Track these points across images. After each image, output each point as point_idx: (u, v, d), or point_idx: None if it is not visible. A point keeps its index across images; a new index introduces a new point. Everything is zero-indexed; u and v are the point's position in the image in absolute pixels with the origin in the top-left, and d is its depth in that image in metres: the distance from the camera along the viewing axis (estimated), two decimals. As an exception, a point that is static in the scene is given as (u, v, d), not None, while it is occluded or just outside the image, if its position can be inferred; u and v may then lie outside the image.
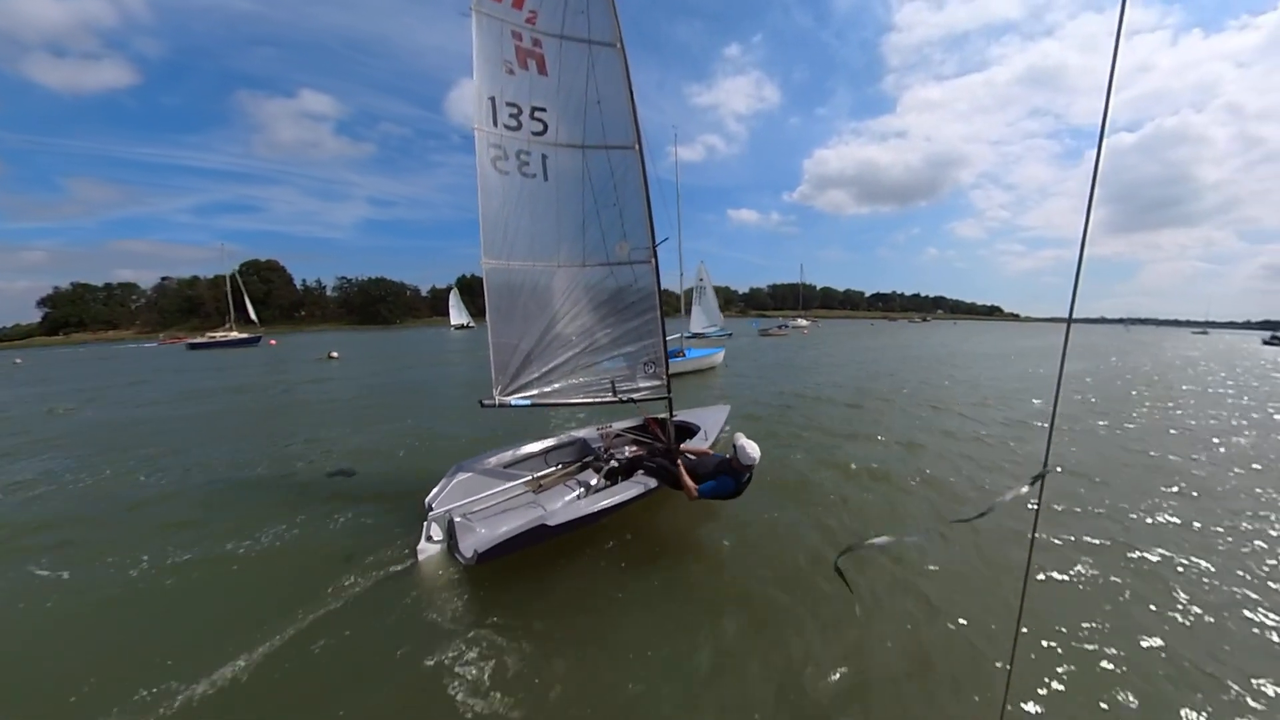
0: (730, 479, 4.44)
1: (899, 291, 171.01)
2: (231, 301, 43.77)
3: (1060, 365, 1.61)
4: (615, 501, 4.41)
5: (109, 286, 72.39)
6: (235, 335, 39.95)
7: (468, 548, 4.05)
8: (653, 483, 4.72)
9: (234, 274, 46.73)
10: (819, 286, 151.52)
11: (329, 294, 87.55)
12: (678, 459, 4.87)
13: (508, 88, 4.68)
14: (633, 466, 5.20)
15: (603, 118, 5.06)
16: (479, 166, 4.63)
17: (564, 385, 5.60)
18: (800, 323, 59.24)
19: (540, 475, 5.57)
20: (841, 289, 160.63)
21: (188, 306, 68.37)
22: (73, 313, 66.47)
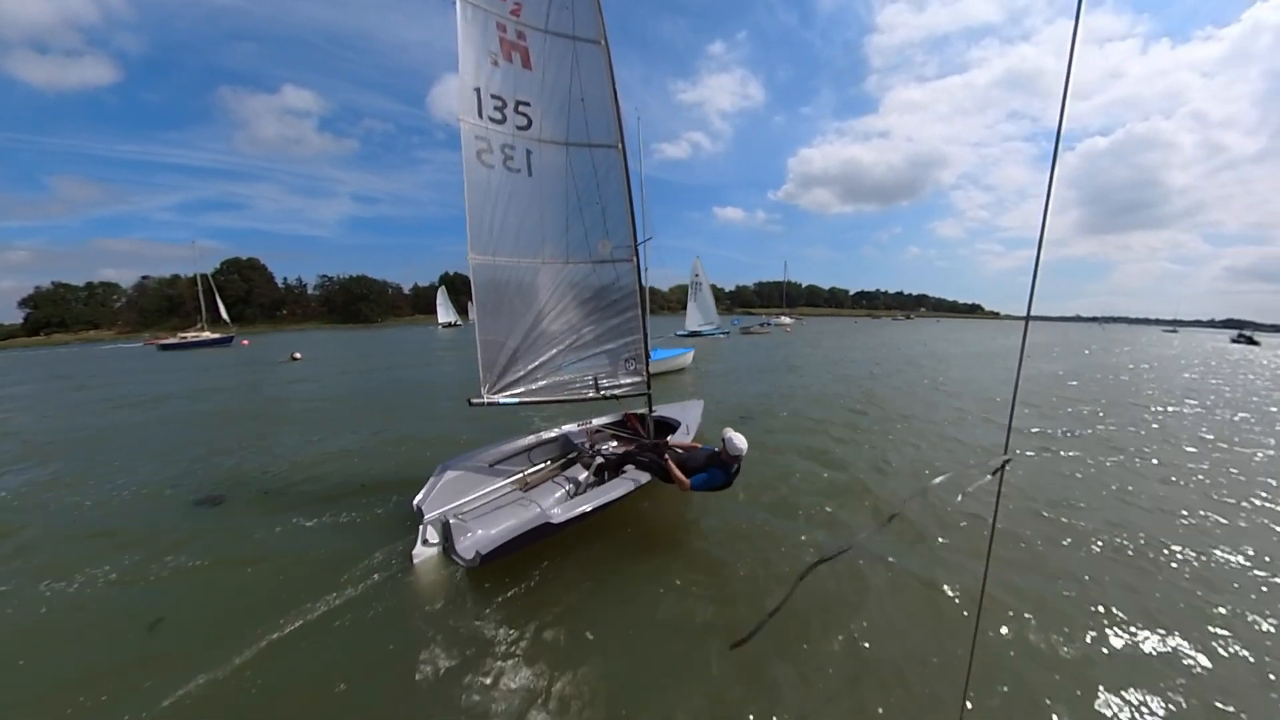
0: (720, 471, 4.53)
1: (883, 289, 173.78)
2: (203, 301, 42.84)
3: (1019, 358, 1.68)
4: (614, 497, 4.45)
5: (90, 286, 70.10)
6: (207, 335, 38.89)
7: (468, 549, 4.01)
8: (645, 477, 4.77)
9: (205, 274, 45.75)
10: (804, 284, 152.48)
11: (311, 293, 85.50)
12: (665, 454, 4.91)
13: (493, 80, 4.66)
14: (623, 462, 5.22)
15: (586, 115, 5.08)
16: (465, 159, 4.58)
17: (549, 383, 5.59)
18: (784, 320, 58.10)
19: (528, 472, 5.57)
20: (826, 287, 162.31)
21: (168, 306, 66.49)
22: (54, 313, 64.29)
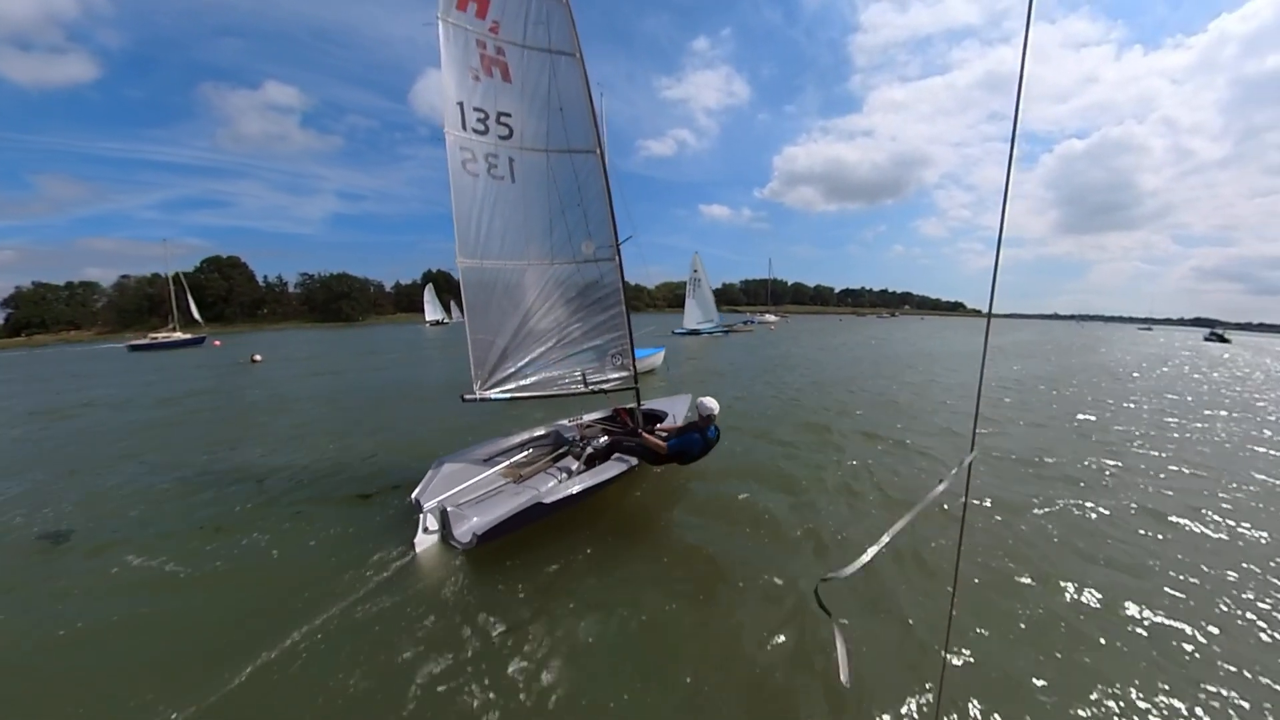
0: (696, 435, 4.87)
1: (868, 287, 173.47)
2: (175, 301, 42.00)
3: (983, 353, 1.77)
4: (603, 479, 4.71)
5: (71, 285, 68.91)
6: (179, 336, 37.94)
7: (465, 533, 4.22)
8: (633, 460, 5.05)
9: (178, 273, 44.99)
10: (790, 282, 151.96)
11: (292, 291, 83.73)
12: (641, 430, 5.29)
13: (474, 94, 4.92)
14: (611, 449, 5.49)
15: (565, 123, 5.36)
16: (450, 168, 4.84)
17: (539, 378, 5.84)
18: (768, 318, 56.90)
19: (522, 466, 5.76)
20: (812, 285, 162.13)
21: (148, 305, 65.25)
22: (35, 313, 62.94)
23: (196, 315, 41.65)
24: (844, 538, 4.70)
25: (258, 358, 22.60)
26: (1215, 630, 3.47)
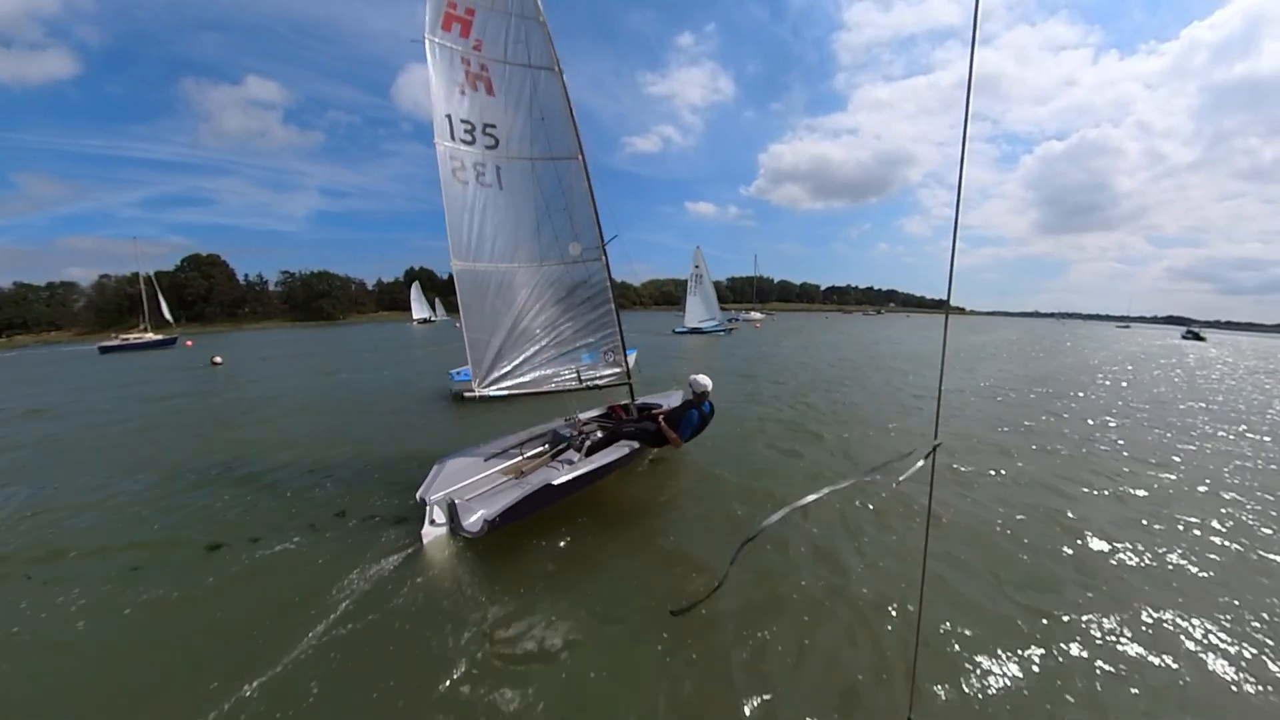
0: (694, 412, 5.22)
1: (853, 285, 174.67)
2: (145, 301, 41.23)
3: (943, 346, 1.91)
4: (610, 460, 4.91)
5: (51, 286, 67.68)
6: (150, 337, 37.16)
7: (475, 521, 4.30)
8: (636, 444, 5.30)
9: (148, 273, 44.36)
10: (776, 280, 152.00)
11: (272, 289, 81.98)
12: (659, 417, 5.54)
13: (461, 107, 5.23)
14: (613, 437, 5.65)
15: (547, 132, 5.68)
16: (441, 176, 5.15)
17: (535, 375, 6.10)
18: (754, 316, 55.38)
19: (522, 462, 5.86)
20: (798, 282, 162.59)
21: (128, 305, 64.04)
22: (16, 314, 61.50)
23: (168, 315, 40.69)
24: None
25: (218, 360, 22.07)
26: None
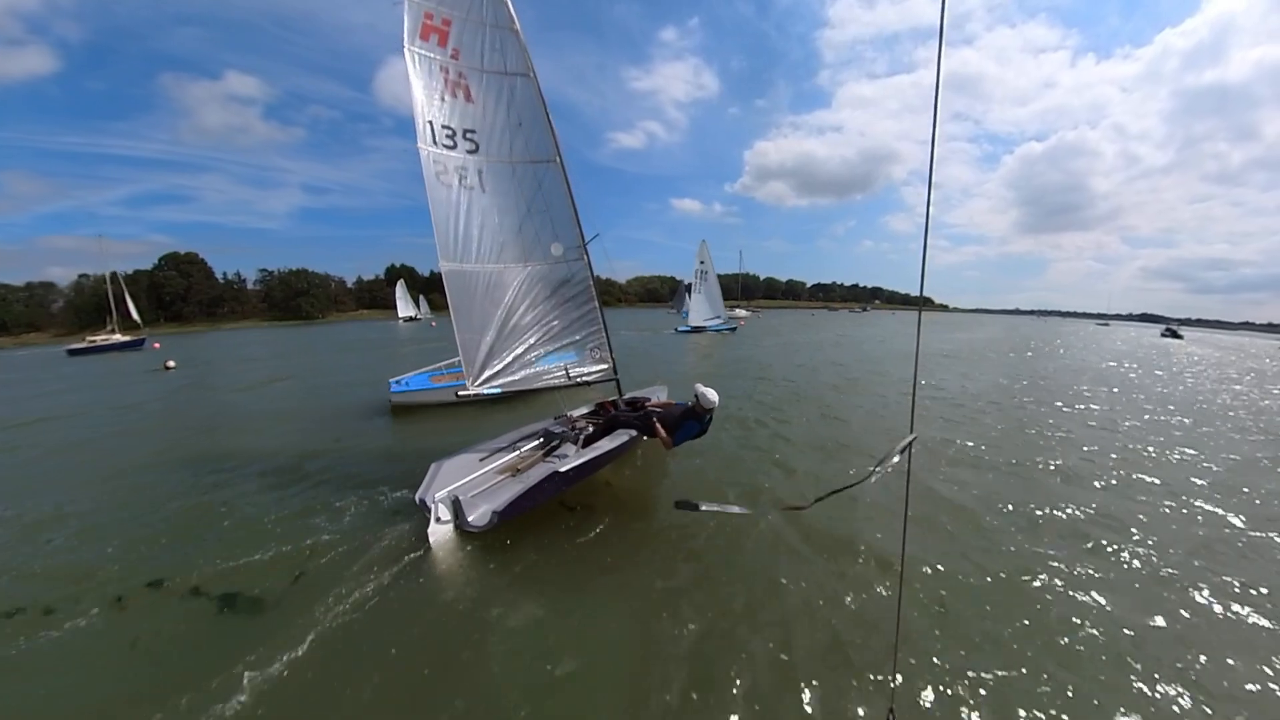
0: (695, 422, 5.29)
1: (839, 282, 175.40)
2: (113, 301, 40.34)
3: (916, 345, 1.99)
4: (612, 447, 5.07)
5: (30, 286, 66.08)
6: (118, 338, 36.49)
7: (482, 515, 4.42)
8: (634, 431, 5.48)
9: (115, 273, 43.61)
10: (762, 277, 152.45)
11: (251, 288, 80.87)
12: (650, 412, 5.67)
13: (441, 113, 5.41)
14: (611, 426, 5.81)
15: (525, 136, 5.87)
16: (426, 180, 5.33)
17: (526, 373, 6.27)
18: (738, 313, 52.36)
19: (517, 460, 5.84)
20: (784, 279, 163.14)
21: (107, 306, 63.09)
22: None
23: (136, 316, 40.02)
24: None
25: (171, 364, 21.63)
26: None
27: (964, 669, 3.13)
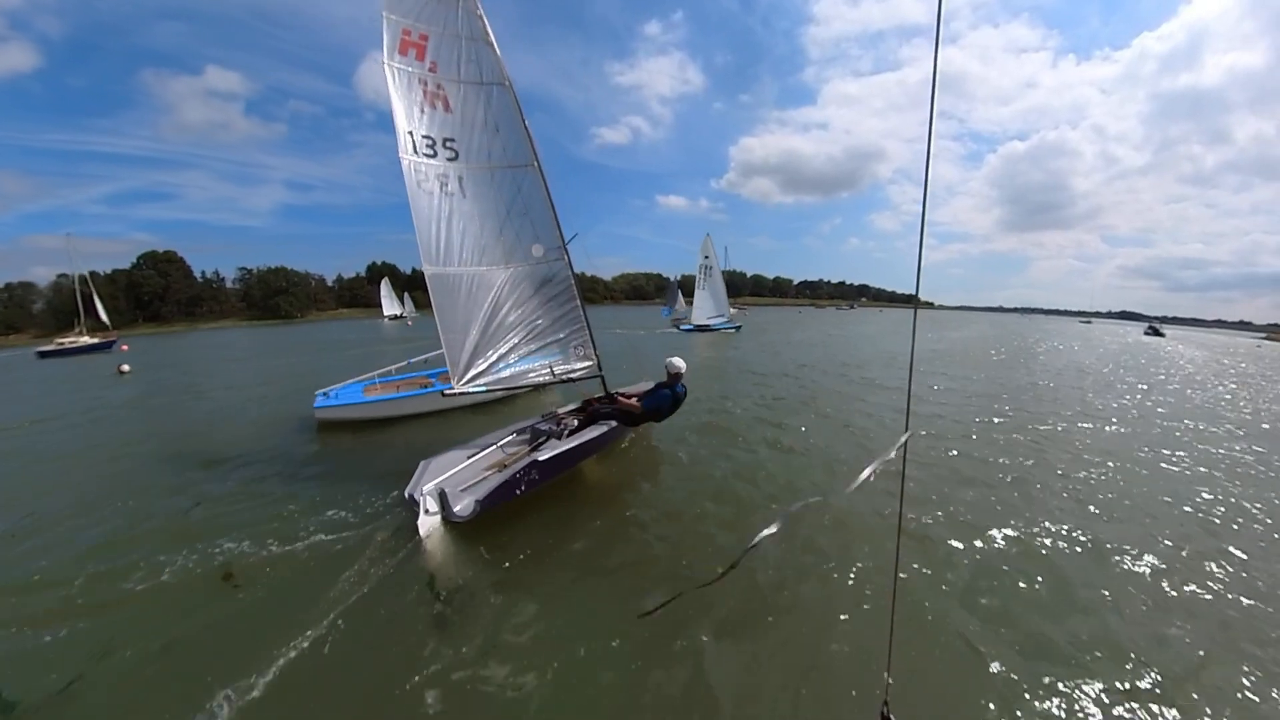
0: (666, 390, 5.61)
1: (825, 279, 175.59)
2: (81, 302, 39.61)
3: (911, 342, 1.91)
4: (592, 437, 5.29)
5: (10, 287, 64.31)
6: (86, 340, 35.86)
7: (466, 505, 4.59)
8: (613, 422, 5.73)
9: (83, 273, 42.57)
10: (749, 274, 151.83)
11: (230, 286, 79.39)
12: (616, 394, 5.99)
13: (421, 123, 5.63)
14: (591, 419, 6.07)
15: (503, 143, 6.11)
16: (408, 186, 5.55)
17: (512, 372, 6.49)
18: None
19: (504, 456, 5.91)
20: (771, 276, 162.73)
21: (85, 306, 61.97)
22: None
23: (104, 318, 39.60)
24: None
25: (125, 368, 21.32)
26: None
27: (959, 666, 3.15)
